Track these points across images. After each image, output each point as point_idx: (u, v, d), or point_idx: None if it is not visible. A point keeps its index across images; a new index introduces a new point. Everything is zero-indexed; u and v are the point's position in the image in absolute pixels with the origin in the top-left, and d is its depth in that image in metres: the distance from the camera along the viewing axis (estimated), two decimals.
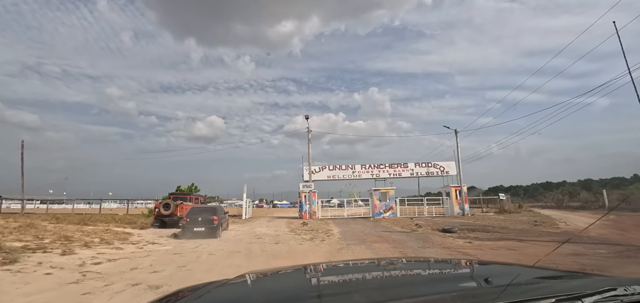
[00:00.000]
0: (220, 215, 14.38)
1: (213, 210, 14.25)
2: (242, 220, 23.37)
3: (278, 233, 15.09)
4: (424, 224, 17.54)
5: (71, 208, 41.02)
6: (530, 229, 14.36)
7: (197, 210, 14.12)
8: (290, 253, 9.40)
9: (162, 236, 13.47)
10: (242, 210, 25.62)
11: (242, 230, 16.45)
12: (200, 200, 19.26)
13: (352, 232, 14.95)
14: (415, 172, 27.57)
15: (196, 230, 13.00)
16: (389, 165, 27.61)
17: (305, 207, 25.25)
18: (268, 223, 21.53)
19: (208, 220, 13.36)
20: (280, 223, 21.29)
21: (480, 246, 10.08)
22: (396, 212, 25.81)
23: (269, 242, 12.10)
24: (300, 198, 25.84)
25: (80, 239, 11.66)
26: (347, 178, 27.27)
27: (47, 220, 19.00)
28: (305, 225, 18.32)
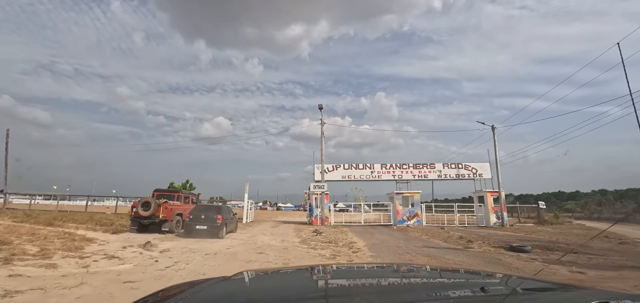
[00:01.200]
0: (226, 215, 13.43)
1: (217, 209, 13.41)
2: (242, 225, 19.93)
3: (286, 245, 11.56)
4: (470, 237, 13.85)
5: (71, 204, 39.53)
6: (628, 250, 10.60)
7: (201, 208, 13.47)
8: None
9: (131, 245, 10.04)
10: (243, 212, 22.20)
11: (240, 238, 12.99)
12: (191, 198, 15.88)
13: (384, 247, 11.35)
14: (444, 174, 23.87)
15: (198, 229, 12.29)
16: (413, 165, 23.96)
17: (316, 212, 21.70)
18: (272, 229, 18.04)
19: (211, 218, 12.48)
20: (287, 230, 17.79)
21: (601, 278, 6.47)
22: (422, 219, 22.10)
23: (275, 259, 8.58)
24: (310, 201, 22.31)
25: (15, 247, 8.35)
26: (364, 180, 23.68)
27: (17, 217, 15.84)
28: (318, 234, 14.77)
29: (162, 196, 14.67)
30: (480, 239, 13.28)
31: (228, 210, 14.63)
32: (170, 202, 13.92)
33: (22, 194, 35.21)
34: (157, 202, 13.26)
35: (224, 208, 14.04)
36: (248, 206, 22.81)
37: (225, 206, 14.94)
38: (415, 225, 21.50)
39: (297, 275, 1.82)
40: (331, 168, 23.57)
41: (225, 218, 13.25)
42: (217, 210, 13.08)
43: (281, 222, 25.06)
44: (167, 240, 11.66)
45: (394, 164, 23.93)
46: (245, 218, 22.19)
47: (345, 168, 23.73)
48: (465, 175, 24.08)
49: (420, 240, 13.93)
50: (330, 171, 23.36)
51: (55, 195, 47.29)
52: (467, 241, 12.56)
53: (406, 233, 17.16)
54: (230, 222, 14.33)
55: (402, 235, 15.85)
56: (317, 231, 16.17)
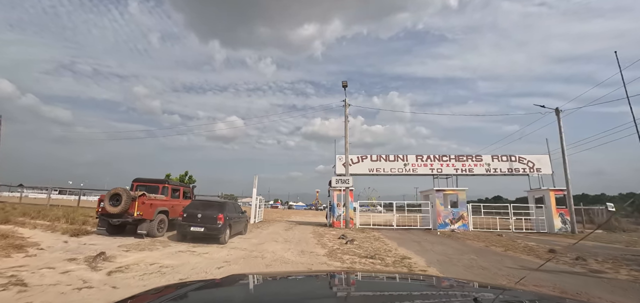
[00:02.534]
0: (230, 214, 10.37)
1: (219, 206, 10.21)
2: (249, 226, 16.30)
3: (308, 260, 7.80)
4: (558, 250, 9.74)
5: (69, 199, 38.56)
6: None
7: (198, 204, 10.30)
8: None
9: (75, 258, 6.52)
10: (251, 210, 18.56)
11: (244, 246, 9.33)
12: (184, 192, 12.30)
13: (461, 267, 7.38)
14: (493, 168, 19.57)
15: (194, 230, 9.41)
16: (455, 157, 19.76)
17: (338, 212, 17.84)
18: (286, 233, 14.32)
19: (210, 218, 9.50)
20: (304, 233, 14.04)
21: None
22: (468, 222, 17.91)
23: None
24: (331, 199, 18.47)
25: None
26: (396, 174, 19.66)
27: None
28: (348, 242, 10.93)
29: (143, 187, 11.16)
30: (588, 255, 9.12)
31: (234, 207, 11.13)
32: (150, 195, 10.36)
33: (39, 188, 36.15)
34: (131, 195, 9.71)
35: (229, 205, 10.49)
36: (257, 203, 19.16)
37: (231, 203, 11.35)
38: (462, 230, 17.35)
39: (298, 283, 1.77)
40: (356, 159, 19.66)
41: (230, 218, 10.03)
42: (219, 208, 9.83)
43: (295, 222, 21.32)
44: (137, 249, 8.10)
45: (432, 156, 19.79)
46: (254, 218, 18.54)
47: (373, 159, 19.77)
48: (520, 169, 19.70)
49: (491, 253, 9.91)
50: (354, 163, 19.47)
51: (71, 190, 47.00)
52: (576, 258, 8.43)
53: (460, 241, 13.10)
54: (236, 222, 10.88)
55: (460, 245, 11.82)
56: (345, 237, 12.33)
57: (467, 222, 17.87)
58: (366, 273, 2.65)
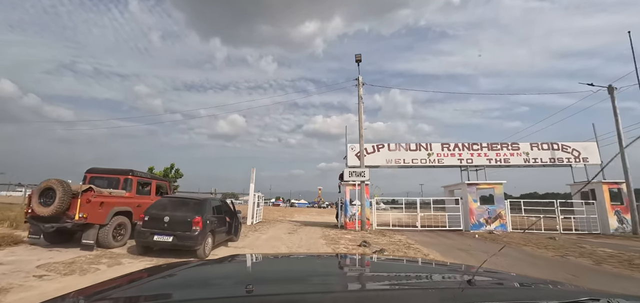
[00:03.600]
0: (213, 216, 7.38)
1: (196, 205, 7.12)
2: (246, 228, 13.46)
3: None
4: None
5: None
6: None
7: (166, 204, 7.16)
8: None
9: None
10: (248, 209, 15.66)
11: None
12: (158, 187, 9.40)
13: None
14: (532, 158, 16.61)
15: (158, 240, 6.44)
16: (487, 145, 16.81)
17: (352, 211, 14.95)
18: (290, 237, 11.49)
19: (182, 222, 6.54)
20: (312, 238, 11.19)
21: None
22: (506, 222, 14.98)
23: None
24: (343, 196, 15.59)
25: None
26: (419, 165, 16.72)
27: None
28: (376, 252, 8.03)
29: (98, 180, 8.30)
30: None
31: (220, 207, 8.12)
32: (102, 191, 7.47)
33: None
34: (70, 190, 6.84)
35: (210, 204, 7.49)
36: (255, 201, 16.28)
37: (216, 201, 8.34)
38: (500, 231, 14.44)
39: (283, 261, 1.85)
40: (371, 149, 16.73)
41: (212, 221, 7.15)
42: (196, 208, 6.93)
43: (300, 223, 18.44)
44: (65, 270, 5.29)
45: (461, 144, 16.84)
46: (252, 219, 15.66)
47: (391, 149, 16.83)
48: (563, 159, 16.74)
49: (585, 269, 6.99)
50: (369, 153, 16.54)
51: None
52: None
53: (514, 246, 10.19)
54: (223, 226, 7.94)
55: (522, 254, 8.93)
56: (367, 243, 9.46)
57: (505, 221, 14.94)
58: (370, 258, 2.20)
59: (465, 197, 15.35)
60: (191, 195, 8.16)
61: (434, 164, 16.71)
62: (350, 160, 16.50)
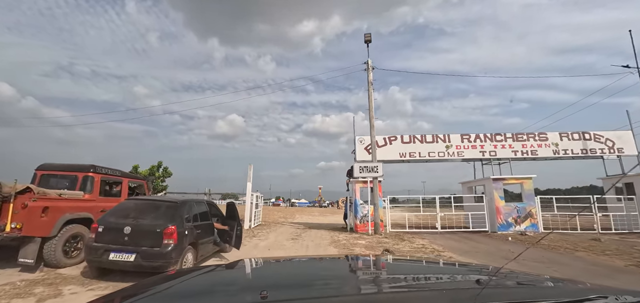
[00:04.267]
0: (193, 223, 5.46)
1: (169, 210, 5.15)
2: (243, 232, 11.70)
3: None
4: None
5: None
6: None
7: (129, 208, 5.22)
8: None
9: None
10: (245, 211, 13.88)
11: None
12: (126, 186, 7.59)
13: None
14: (562, 149, 14.87)
15: (115, 260, 4.62)
16: (512, 136, 15.07)
17: (362, 212, 13.19)
18: (294, 244, 9.74)
19: (148, 233, 4.75)
20: (321, 245, 9.44)
21: None
22: (538, 222, 13.24)
23: None
24: (352, 195, 13.84)
25: None
26: (436, 159, 14.96)
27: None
28: (384, 252, 6.16)
29: (51, 178, 6.54)
30: None
31: (204, 213, 6.26)
32: (48, 192, 5.69)
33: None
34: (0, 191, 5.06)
35: (190, 208, 5.63)
36: (253, 202, 14.49)
37: (201, 203, 6.47)
38: (531, 232, 12.70)
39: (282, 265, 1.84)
40: (382, 142, 14.96)
41: (189, 231, 5.29)
42: (168, 213, 5.18)
43: (303, 225, 16.68)
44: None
45: (482, 135, 15.08)
46: (249, 222, 13.88)
47: (405, 141, 15.05)
48: (596, 150, 15.01)
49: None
50: (380, 146, 14.77)
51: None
52: None
53: (562, 252, 8.46)
54: (208, 237, 6.13)
55: (575, 261, 7.19)
56: (390, 253, 7.69)
57: (536, 220, 13.20)
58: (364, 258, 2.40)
59: (490, 193, 13.60)
60: (165, 197, 6.34)
61: (453, 157, 14.95)
62: (359, 155, 14.74)
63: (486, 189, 14.03)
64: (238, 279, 1.46)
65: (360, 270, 1.69)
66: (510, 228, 13.07)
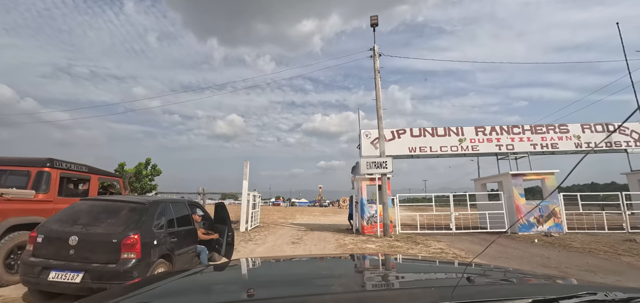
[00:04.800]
0: (164, 230, 4.16)
1: (132, 214, 3.86)
2: (238, 237, 10.54)
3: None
4: None
5: None
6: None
7: (78, 213, 3.87)
8: None
9: None
10: (241, 212, 12.69)
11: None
12: (96, 184, 6.41)
13: None
14: (585, 142, 13.72)
15: (55, 281, 3.34)
16: (531, 128, 13.91)
17: (369, 212, 12.04)
18: (295, 249, 8.59)
19: (100, 245, 3.55)
20: (325, 250, 8.29)
21: None
22: (562, 222, 12.09)
23: None
24: (358, 193, 12.69)
25: None
26: (449, 153, 13.80)
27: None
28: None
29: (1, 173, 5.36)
30: None
31: (186, 217, 5.06)
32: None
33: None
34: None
35: (160, 209, 4.40)
36: (250, 201, 13.32)
37: (177, 204, 5.28)
38: (556, 233, 11.55)
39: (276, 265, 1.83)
40: (390, 136, 13.78)
41: (160, 240, 4.04)
42: (130, 219, 3.90)
43: (305, 227, 15.51)
44: None
45: (498, 127, 13.93)
46: (245, 224, 12.71)
47: (414, 135, 13.87)
48: (621, 142, 13.87)
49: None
50: (388, 140, 13.59)
51: None
52: None
53: (608, 258, 7.31)
54: (188, 246, 4.90)
55: (636, 273, 6.03)
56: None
57: (560, 220, 12.05)
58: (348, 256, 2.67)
59: (509, 190, 12.44)
60: (131, 197, 5.10)
61: (467, 152, 13.79)
62: (365, 150, 13.58)
63: (504, 186, 12.87)
64: (226, 279, 1.46)
65: (347, 268, 1.74)
66: (531, 229, 11.92)
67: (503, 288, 1.19)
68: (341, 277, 1.43)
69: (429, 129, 13.93)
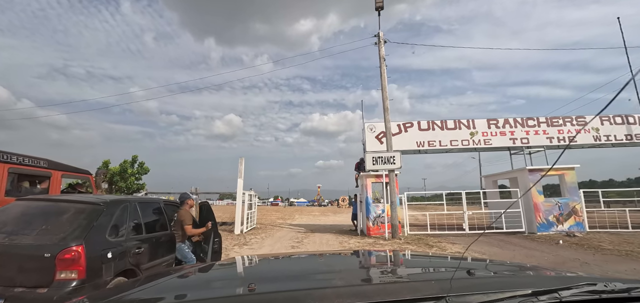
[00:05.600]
0: (121, 240, 3.10)
1: (78, 218, 2.86)
2: (232, 240, 9.55)
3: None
4: None
5: None
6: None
7: (9, 215, 2.91)
8: None
9: None
10: (236, 213, 11.67)
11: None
12: (54, 181, 5.39)
13: None
14: (604, 135, 12.83)
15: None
16: (546, 120, 13.00)
17: (375, 212, 11.09)
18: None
19: (25, 260, 2.50)
20: None
21: None
22: (583, 221, 11.18)
23: None
24: (364, 191, 11.74)
25: None
26: (458, 147, 12.86)
27: None
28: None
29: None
30: None
31: (157, 221, 4.02)
32: None
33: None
34: None
35: (121, 212, 3.38)
36: (245, 201, 12.30)
37: (153, 203, 4.31)
38: (578, 232, 10.64)
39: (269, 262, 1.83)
40: (396, 129, 12.81)
41: (111, 256, 2.94)
42: (71, 225, 2.82)
43: (304, 228, 14.53)
44: None
45: (512, 120, 13.00)
46: (240, 226, 11.69)
47: (422, 128, 12.90)
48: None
49: None
50: (394, 134, 12.61)
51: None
52: None
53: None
54: (162, 257, 3.85)
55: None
56: None
57: (581, 218, 11.15)
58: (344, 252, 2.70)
59: (526, 187, 11.51)
60: (83, 196, 4.03)
61: (479, 146, 12.84)
62: (370, 145, 12.60)
63: (520, 182, 11.94)
64: (229, 275, 1.48)
65: (345, 263, 1.77)
66: (551, 229, 11.01)
67: (502, 280, 1.24)
68: (341, 271, 1.46)
69: (438, 122, 12.97)
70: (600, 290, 0.88)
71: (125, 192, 13.89)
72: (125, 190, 13.87)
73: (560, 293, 0.86)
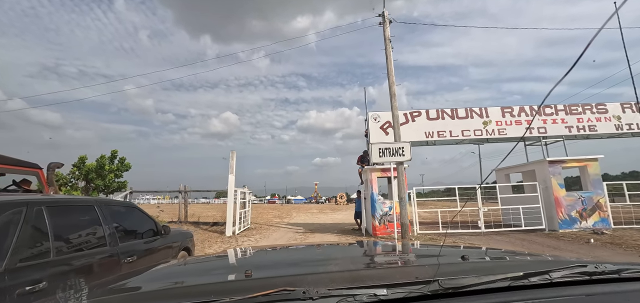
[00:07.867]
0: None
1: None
2: (223, 242, 8.44)
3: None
4: None
5: None
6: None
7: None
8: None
9: None
10: (227, 212, 10.54)
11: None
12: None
13: None
14: (626, 124, 11.87)
15: None
16: (565, 108, 12.00)
17: (382, 209, 10.04)
18: None
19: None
20: None
21: None
22: (608, 216, 10.23)
23: None
24: (368, 187, 10.69)
25: None
26: (470, 138, 11.83)
27: None
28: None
29: None
30: None
31: (93, 231, 2.86)
32: None
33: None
34: None
35: (13, 217, 2.22)
36: (237, 200, 11.16)
37: (113, 204, 3.15)
38: (605, 229, 9.67)
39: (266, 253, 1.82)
40: (403, 118, 11.72)
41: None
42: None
43: (303, 228, 13.44)
44: None
45: (528, 108, 11.98)
46: (232, 227, 10.57)
47: (431, 117, 11.84)
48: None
49: None
50: (401, 124, 11.53)
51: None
52: None
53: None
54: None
55: None
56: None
57: (606, 214, 10.19)
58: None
59: (546, 181, 10.53)
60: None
61: (492, 136, 11.82)
62: (374, 136, 11.53)
63: (538, 176, 10.95)
64: (227, 264, 1.49)
65: (342, 251, 1.81)
66: (574, 225, 10.04)
67: (495, 264, 1.27)
68: (337, 259, 1.48)
69: (448, 110, 11.92)
70: (590, 271, 0.89)
71: (104, 191, 12.66)
72: (103, 189, 12.63)
73: (551, 275, 0.87)
